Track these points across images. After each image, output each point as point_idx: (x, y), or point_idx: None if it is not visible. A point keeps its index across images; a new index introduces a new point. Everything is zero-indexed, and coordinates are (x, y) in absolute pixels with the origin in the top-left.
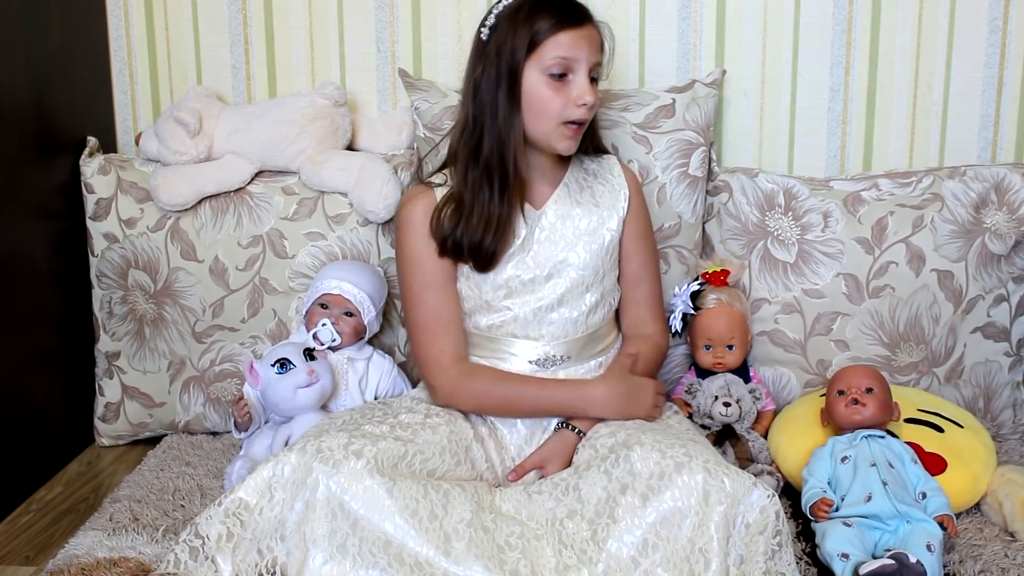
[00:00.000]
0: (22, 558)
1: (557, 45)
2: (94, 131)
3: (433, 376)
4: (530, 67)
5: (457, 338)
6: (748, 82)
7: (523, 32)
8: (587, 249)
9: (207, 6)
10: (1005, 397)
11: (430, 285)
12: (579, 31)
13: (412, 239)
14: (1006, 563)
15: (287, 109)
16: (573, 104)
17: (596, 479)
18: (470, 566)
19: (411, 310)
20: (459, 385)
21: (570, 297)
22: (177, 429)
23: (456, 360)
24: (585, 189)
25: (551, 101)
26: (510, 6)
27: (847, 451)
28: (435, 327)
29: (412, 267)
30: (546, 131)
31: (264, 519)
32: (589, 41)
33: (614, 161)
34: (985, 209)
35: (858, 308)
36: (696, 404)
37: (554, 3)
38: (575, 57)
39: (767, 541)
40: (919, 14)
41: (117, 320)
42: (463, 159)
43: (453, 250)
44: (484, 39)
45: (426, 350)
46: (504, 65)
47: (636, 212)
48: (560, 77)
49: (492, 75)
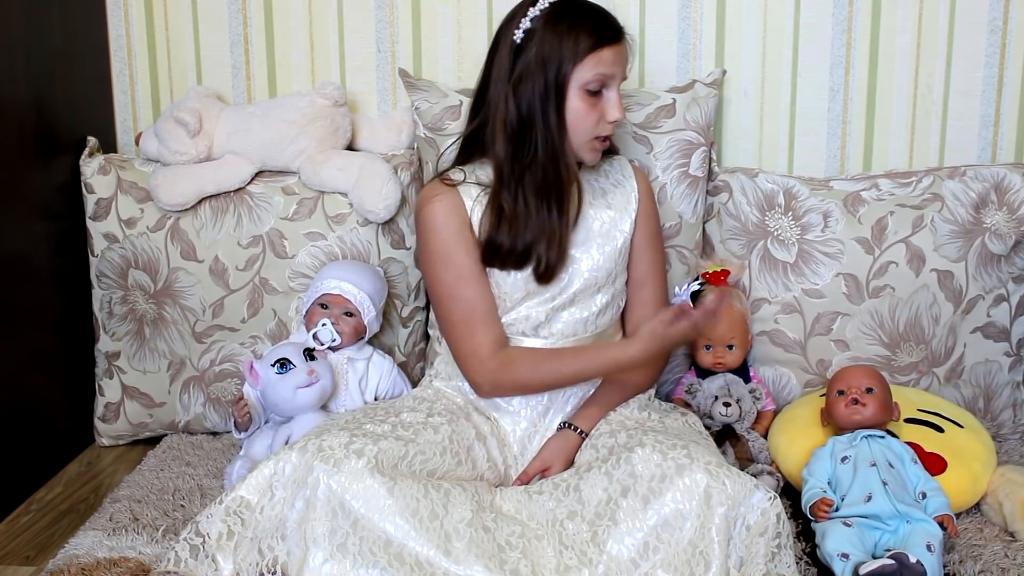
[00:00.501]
0: (22, 558)
1: (600, 62)
2: (94, 131)
3: (474, 371)
4: (572, 82)
5: (496, 327)
6: (748, 82)
7: (569, 45)
8: (600, 251)
9: (207, 6)
10: (1005, 397)
11: (464, 278)
12: (618, 48)
13: (440, 235)
14: (1006, 563)
15: (287, 109)
16: (605, 120)
17: (597, 481)
18: (470, 566)
19: (446, 307)
20: (501, 376)
21: (582, 298)
22: (177, 429)
23: (494, 351)
24: (597, 191)
25: (586, 117)
26: (548, 13)
27: (847, 451)
28: (473, 319)
29: (443, 263)
30: (577, 144)
31: (265, 518)
32: (624, 57)
33: (625, 162)
34: (985, 209)
35: (858, 308)
36: (696, 404)
37: (595, 17)
38: (612, 74)
39: (767, 543)
40: (919, 14)
41: (117, 320)
42: (509, 166)
43: (504, 259)
44: (519, 42)
45: (467, 345)
46: (551, 77)
47: (646, 214)
48: (595, 93)
49: (539, 85)
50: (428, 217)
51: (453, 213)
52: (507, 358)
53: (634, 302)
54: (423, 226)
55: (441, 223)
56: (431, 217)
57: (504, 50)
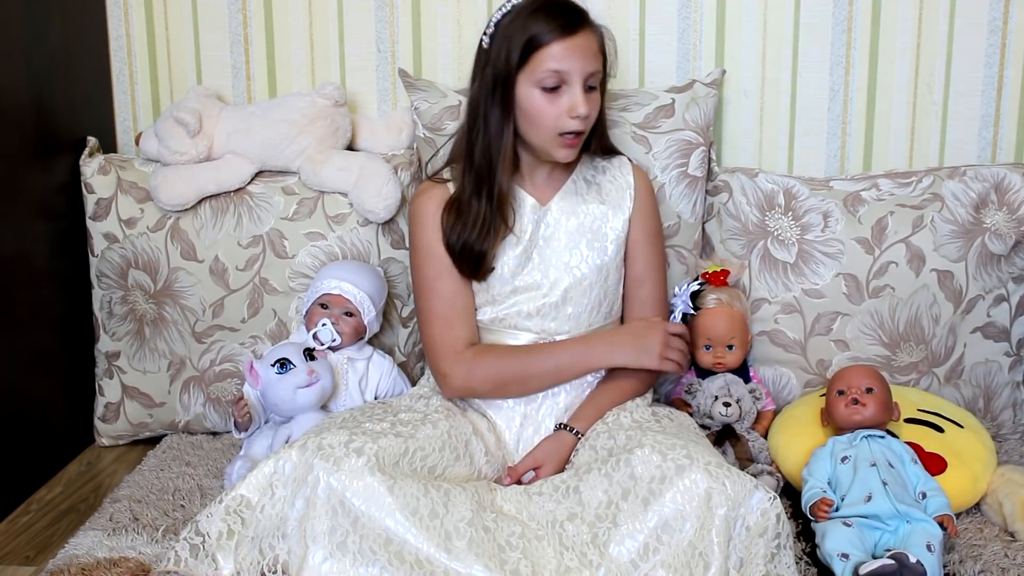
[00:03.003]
0: (22, 558)
1: (550, 57)
2: (94, 131)
3: (448, 363)
4: (523, 78)
5: (472, 325)
6: (748, 82)
7: (517, 41)
8: (590, 247)
9: (207, 6)
10: (1005, 397)
11: (444, 273)
12: (573, 41)
13: (426, 230)
14: (1006, 563)
15: (287, 109)
16: (567, 116)
17: (597, 482)
18: (471, 565)
19: (426, 299)
20: (475, 367)
21: (574, 294)
22: (177, 429)
23: (469, 346)
24: (592, 187)
25: (545, 112)
26: (508, 13)
27: (847, 451)
28: (451, 315)
29: (426, 257)
30: (543, 140)
31: (265, 516)
32: (584, 51)
33: (625, 161)
34: (985, 209)
35: (858, 308)
36: (696, 404)
37: (548, 11)
38: (568, 70)
39: (767, 544)
40: (919, 14)
41: (117, 320)
42: (461, 164)
43: (450, 252)
44: (485, 47)
45: (442, 338)
46: (498, 75)
47: (644, 213)
48: (554, 89)
49: (488, 84)
50: (415, 211)
51: (440, 209)
52: (481, 350)
53: (632, 301)
54: (411, 220)
55: (426, 218)
56: (418, 211)
57: (476, 56)
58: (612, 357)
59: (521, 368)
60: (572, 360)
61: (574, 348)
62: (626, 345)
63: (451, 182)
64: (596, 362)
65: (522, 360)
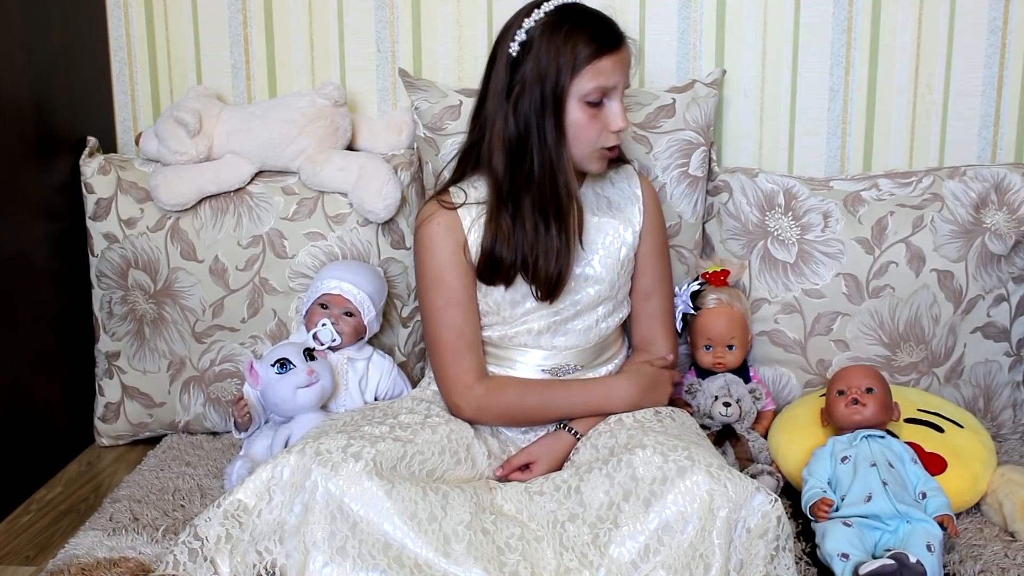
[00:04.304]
0: (22, 558)
1: (598, 73)
2: (94, 131)
3: (459, 396)
4: (570, 94)
5: (480, 356)
6: (748, 82)
7: (566, 57)
8: (603, 263)
9: (207, 6)
10: (1005, 397)
11: (454, 304)
12: (619, 55)
13: (435, 258)
14: (1006, 563)
15: (287, 109)
16: (608, 131)
17: (598, 483)
18: (469, 568)
19: (434, 330)
20: (486, 402)
21: (585, 310)
22: (177, 429)
23: (479, 378)
24: (602, 199)
25: (587, 129)
26: (544, 23)
27: (847, 451)
28: (460, 346)
29: (435, 286)
30: (581, 156)
31: (263, 521)
32: (626, 65)
33: (632, 171)
34: (985, 209)
35: (858, 308)
36: (696, 404)
37: (593, 25)
38: (612, 84)
39: (767, 545)
40: (919, 14)
41: (117, 320)
42: (507, 183)
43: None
44: (515, 55)
45: (452, 370)
46: (548, 91)
47: (652, 226)
48: (596, 104)
49: (536, 100)
50: (424, 238)
51: (449, 236)
52: (495, 385)
53: (639, 314)
54: (419, 246)
55: (435, 245)
56: (426, 238)
57: (501, 63)
58: (625, 405)
59: (533, 409)
60: (585, 404)
61: (591, 391)
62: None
63: (467, 205)
64: (608, 408)
65: (536, 399)
